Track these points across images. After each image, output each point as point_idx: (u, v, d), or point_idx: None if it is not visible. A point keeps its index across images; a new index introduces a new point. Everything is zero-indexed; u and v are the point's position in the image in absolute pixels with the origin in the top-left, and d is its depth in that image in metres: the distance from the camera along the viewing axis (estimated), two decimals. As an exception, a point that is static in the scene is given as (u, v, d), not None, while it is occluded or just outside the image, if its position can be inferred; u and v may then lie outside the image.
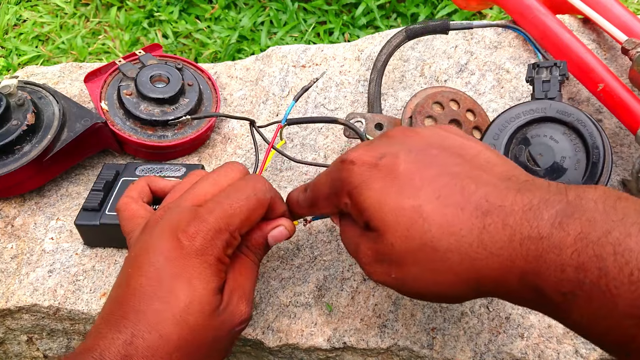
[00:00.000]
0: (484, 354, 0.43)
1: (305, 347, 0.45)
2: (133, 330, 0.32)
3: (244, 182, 0.37)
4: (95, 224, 0.48)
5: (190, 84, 0.59)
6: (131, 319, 0.32)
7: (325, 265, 0.49)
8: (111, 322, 0.32)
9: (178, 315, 0.32)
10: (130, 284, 0.34)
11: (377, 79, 0.56)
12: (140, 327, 0.32)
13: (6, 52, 1.30)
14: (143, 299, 0.33)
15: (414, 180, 0.31)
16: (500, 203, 0.29)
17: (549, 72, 0.48)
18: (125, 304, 0.33)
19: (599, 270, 0.25)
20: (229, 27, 1.28)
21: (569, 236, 0.26)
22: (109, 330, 0.32)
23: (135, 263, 0.34)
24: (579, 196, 0.27)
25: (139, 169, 0.53)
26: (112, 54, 1.27)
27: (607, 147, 0.45)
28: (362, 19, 1.26)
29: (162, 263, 0.33)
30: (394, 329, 0.45)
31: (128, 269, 0.34)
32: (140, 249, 0.35)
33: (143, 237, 0.36)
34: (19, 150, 0.51)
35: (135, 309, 0.32)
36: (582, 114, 0.45)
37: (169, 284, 0.33)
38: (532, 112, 0.47)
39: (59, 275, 0.50)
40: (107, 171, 0.52)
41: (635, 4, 1.26)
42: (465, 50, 0.63)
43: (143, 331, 0.32)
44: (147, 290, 0.33)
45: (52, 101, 0.55)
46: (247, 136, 0.60)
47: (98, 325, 0.33)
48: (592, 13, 0.58)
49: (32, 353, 0.54)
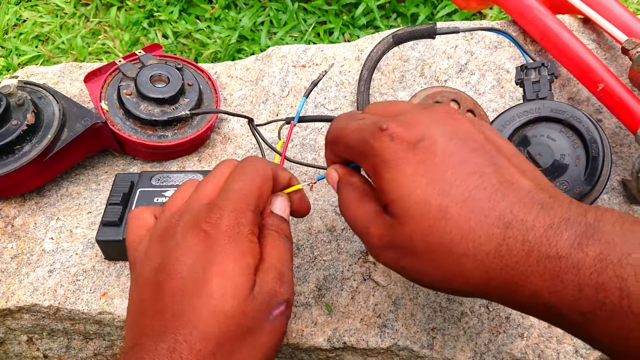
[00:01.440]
0: (484, 354, 0.43)
1: (305, 347, 0.45)
2: (175, 335, 0.31)
3: (243, 166, 0.37)
4: (117, 239, 0.48)
5: (190, 83, 0.59)
6: (171, 325, 0.31)
7: (325, 265, 0.49)
8: (149, 333, 0.32)
9: (214, 306, 0.31)
10: (165, 291, 0.32)
11: (364, 91, 0.57)
12: (182, 330, 0.31)
13: (6, 52, 1.30)
14: (181, 300, 0.32)
15: (447, 174, 0.30)
16: (523, 217, 0.28)
17: (537, 73, 0.49)
18: (164, 311, 0.32)
19: (620, 291, 0.25)
20: (229, 27, 1.28)
21: (587, 257, 0.26)
22: (150, 341, 0.31)
23: (163, 271, 0.33)
24: (598, 219, 0.27)
25: (155, 179, 0.52)
26: (112, 54, 1.27)
27: (605, 140, 0.45)
28: (362, 19, 1.26)
29: (193, 259, 0.33)
30: (394, 328, 0.45)
31: (158, 277, 0.33)
32: (164, 256, 0.34)
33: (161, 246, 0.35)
34: (19, 150, 0.51)
35: (174, 313, 0.31)
36: (577, 110, 0.45)
37: (203, 278, 0.32)
38: (526, 114, 0.47)
39: (59, 275, 0.50)
40: (122, 183, 0.51)
41: (635, 4, 1.26)
42: (465, 50, 0.63)
43: (185, 334, 0.31)
44: (183, 290, 0.32)
45: (52, 101, 0.55)
46: (247, 136, 0.60)
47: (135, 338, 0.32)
48: (592, 13, 0.58)
49: (32, 353, 0.54)
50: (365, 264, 0.49)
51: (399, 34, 0.55)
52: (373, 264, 0.48)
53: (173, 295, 0.32)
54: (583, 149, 0.45)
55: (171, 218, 0.36)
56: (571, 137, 0.46)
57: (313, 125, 0.60)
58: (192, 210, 0.35)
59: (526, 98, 0.49)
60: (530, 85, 0.49)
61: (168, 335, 0.31)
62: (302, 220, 0.52)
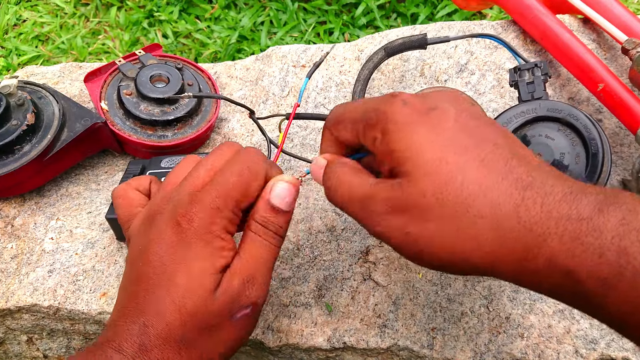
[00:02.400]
0: (484, 354, 0.43)
1: (305, 347, 0.45)
2: (144, 319, 0.32)
3: (236, 158, 0.36)
4: None
5: (190, 83, 0.59)
6: (141, 309, 0.33)
7: (325, 265, 0.49)
8: (125, 314, 0.33)
9: (177, 301, 0.33)
10: (139, 275, 0.34)
11: None
12: (149, 316, 0.32)
13: (6, 52, 1.30)
14: (150, 288, 0.33)
15: (461, 139, 0.30)
16: (541, 181, 0.28)
17: (531, 74, 0.49)
18: (136, 295, 0.34)
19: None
20: (229, 27, 1.28)
21: (609, 221, 0.26)
22: (124, 322, 0.33)
23: (142, 255, 0.35)
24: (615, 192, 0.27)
25: (164, 161, 0.53)
26: (112, 54, 1.27)
27: (603, 137, 0.45)
28: (362, 19, 1.26)
29: (165, 250, 0.34)
30: (394, 329, 0.45)
31: (138, 262, 0.35)
32: (146, 240, 0.35)
33: (146, 228, 0.36)
34: (19, 150, 0.51)
35: (144, 299, 0.33)
36: (573, 109, 0.45)
37: (171, 270, 0.33)
38: (523, 115, 0.47)
39: (59, 275, 0.50)
40: (133, 166, 0.53)
41: (635, 4, 1.26)
42: (465, 50, 0.63)
43: (152, 320, 0.32)
44: (153, 279, 0.33)
45: (52, 101, 0.55)
46: (247, 136, 0.60)
47: (114, 318, 0.34)
48: (592, 13, 0.58)
49: (32, 353, 0.54)
50: (365, 264, 0.49)
51: (391, 46, 0.56)
52: (373, 264, 0.48)
53: (145, 282, 0.34)
54: (582, 146, 0.45)
55: (161, 201, 0.36)
56: (569, 135, 0.46)
57: (313, 125, 0.60)
58: (177, 198, 0.35)
59: (521, 99, 0.49)
60: (525, 86, 0.49)
61: (139, 317, 0.33)
62: (302, 220, 0.52)
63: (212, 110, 0.60)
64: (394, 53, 0.57)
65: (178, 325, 0.32)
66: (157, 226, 0.35)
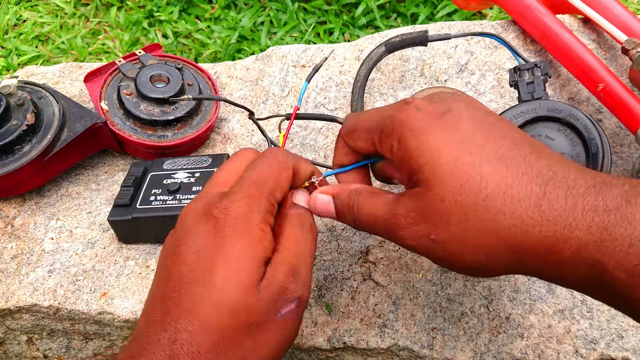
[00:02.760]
0: (484, 354, 0.43)
1: (305, 347, 0.45)
2: (176, 324, 0.29)
3: (262, 155, 0.35)
4: (127, 219, 0.49)
5: (190, 83, 0.60)
6: (173, 312, 0.29)
7: (325, 265, 0.49)
8: (154, 321, 0.30)
9: (216, 296, 0.29)
10: (170, 275, 0.31)
11: (358, 99, 0.57)
12: (182, 319, 0.29)
13: (6, 52, 1.30)
14: (182, 287, 0.30)
15: (477, 138, 0.30)
16: (563, 175, 0.28)
17: (531, 74, 0.49)
18: (167, 298, 0.30)
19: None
20: (229, 27, 1.28)
21: (637, 212, 0.26)
22: (153, 331, 0.29)
23: (173, 254, 0.32)
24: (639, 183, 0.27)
25: (166, 163, 0.53)
26: (112, 54, 1.27)
27: (603, 137, 0.45)
28: (362, 19, 1.26)
29: (200, 244, 0.31)
30: (394, 329, 0.45)
31: (167, 262, 0.32)
32: (176, 240, 0.32)
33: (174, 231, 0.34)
34: (19, 150, 0.51)
35: (176, 300, 0.30)
36: (573, 109, 0.45)
37: (209, 265, 0.30)
38: (523, 115, 0.47)
39: (59, 275, 0.50)
40: (135, 168, 0.53)
41: (635, 4, 1.26)
42: (465, 50, 0.63)
43: (185, 323, 0.29)
44: (186, 276, 0.30)
45: (52, 101, 0.55)
46: (247, 136, 0.60)
47: (142, 327, 0.31)
48: (592, 13, 0.58)
49: (32, 353, 0.54)
50: (365, 264, 0.49)
51: (391, 42, 0.56)
52: (373, 264, 0.49)
53: (177, 280, 0.30)
54: (582, 146, 0.45)
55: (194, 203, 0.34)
56: (569, 135, 0.46)
57: (313, 125, 0.60)
58: (205, 197, 0.34)
59: (521, 99, 0.49)
60: (525, 87, 0.49)
61: (170, 324, 0.29)
62: (302, 220, 0.52)
63: (212, 110, 0.60)
64: (395, 49, 0.56)
65: (216, 324, 0.29)
66: (189, 223, 0.32)
